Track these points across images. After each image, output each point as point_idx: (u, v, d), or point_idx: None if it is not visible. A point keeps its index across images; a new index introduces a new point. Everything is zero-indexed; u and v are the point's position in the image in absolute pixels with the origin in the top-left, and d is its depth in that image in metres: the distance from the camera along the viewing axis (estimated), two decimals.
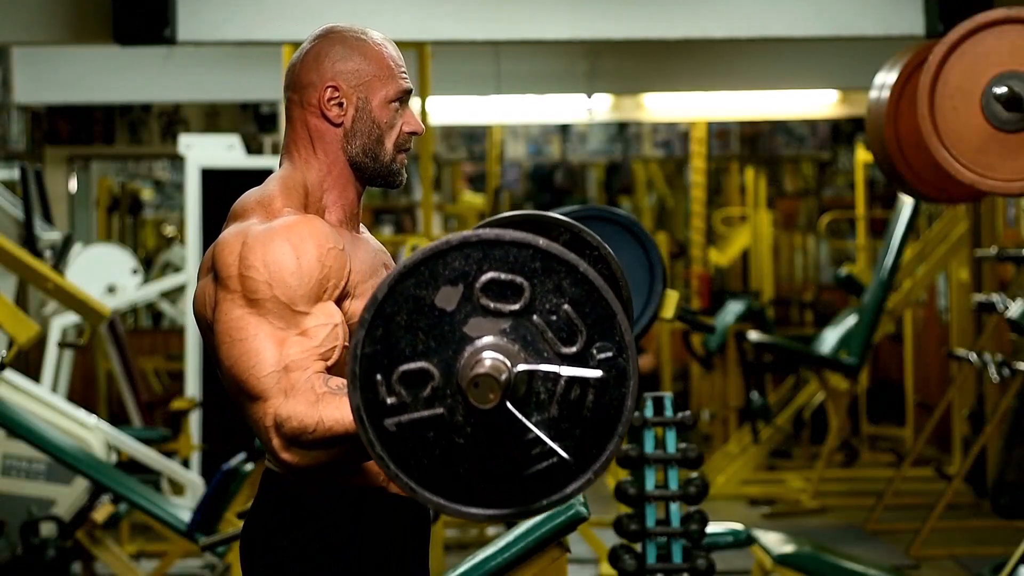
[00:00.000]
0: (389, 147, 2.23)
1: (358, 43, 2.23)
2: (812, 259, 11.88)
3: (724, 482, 7.73)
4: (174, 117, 9.51)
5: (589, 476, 1.77)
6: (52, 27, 5.36)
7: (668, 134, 11.46)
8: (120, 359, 7.12)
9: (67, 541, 5.13)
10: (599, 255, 2.27)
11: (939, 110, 3.83)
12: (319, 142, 2.22)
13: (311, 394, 2.04)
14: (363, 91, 2.21)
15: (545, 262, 1.75)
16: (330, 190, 2.22)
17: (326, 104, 2.21)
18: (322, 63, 2.22)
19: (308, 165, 2.22)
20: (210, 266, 2.16)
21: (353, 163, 2.22)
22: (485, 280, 1.75)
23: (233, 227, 2.16)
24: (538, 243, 1.75)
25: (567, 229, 2.26)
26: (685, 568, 3.56)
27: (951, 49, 3.83)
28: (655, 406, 3.62)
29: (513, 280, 1.75)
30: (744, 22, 5.38)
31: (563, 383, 1.75)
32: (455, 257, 1.75)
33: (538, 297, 1.75)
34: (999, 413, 6.31)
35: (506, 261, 1.75)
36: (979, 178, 3.82)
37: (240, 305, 2.09)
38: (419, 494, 1.76)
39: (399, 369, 1.75)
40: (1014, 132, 3.80)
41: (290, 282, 2.08)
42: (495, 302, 1.75)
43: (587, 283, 1.75)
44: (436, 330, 1.75)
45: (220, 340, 2.10)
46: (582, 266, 1.75)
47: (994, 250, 6.07)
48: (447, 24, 5.35)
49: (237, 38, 5.35)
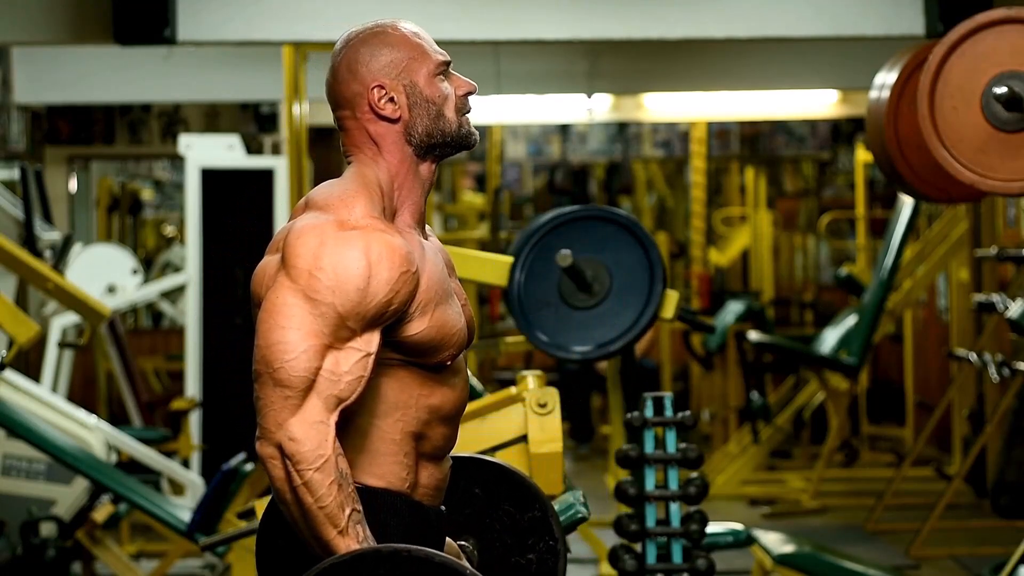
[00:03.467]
0: (451, 116, 2.23)
1: (380, 37, 2.22)
2: (812, 259, 11.88)
3: (724, 482, 7.73)
4: (174, 117, 9.51)
5: None
6: (52, 27, 5.36)
7: (668, 134, 11.46)
8: (120, 359, 7.12)
9: (67, 541, 5.13)
10: (553, 548, 2.40)
11: (939, 110, 3.83)
12: (383, 144, 2.21)
13: (323, 447, 2.04)
14: (406, 77, 2.21)
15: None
16: (399, 189, 2.21)
17: (379, 105, 2.20)
18: (358, 71, 2.21)
19: (377, 165, 2.21)
20: (279, 246, 2.15)
21: (420, 149, 2.22)
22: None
23: (311, 217, 2.14)
24: (464, 573, 1.84)
25: (541, 508, 2.40)
26: (685, 568, 3.56)
27: (951, 49, 3.83)
28: (655, 406, 3.62)
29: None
30: (744, 22, 5.38)
31: None
32: (384, 565, 1.83)
33: None
34: (999, 413, 6.31)
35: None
36: (979, 178, 3.83)
37: (296, 295, 2.08)
38: None
39: None
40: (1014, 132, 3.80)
41: (354, 297, 2.07)
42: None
43: None
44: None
45: (264, 319, 2.09)
46: None
47: (994, 250, 6.07)
48: (447, 24, 5.34)
49: (237, 38, 5.35)
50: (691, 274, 9.80)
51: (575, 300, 4.12)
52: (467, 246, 7.47)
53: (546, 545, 2.39)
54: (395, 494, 2.16)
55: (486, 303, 9.63)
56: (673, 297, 4.10)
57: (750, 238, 9.99)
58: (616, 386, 4.72)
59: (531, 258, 4.16)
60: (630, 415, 3.64)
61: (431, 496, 2.21)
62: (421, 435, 2.19)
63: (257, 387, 2.09)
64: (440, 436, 2.21)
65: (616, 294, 4.10)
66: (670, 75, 8.17)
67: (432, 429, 2.20)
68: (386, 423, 2.16)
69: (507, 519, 2.40)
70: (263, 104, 9.36)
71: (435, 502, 2.23)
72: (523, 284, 4.16)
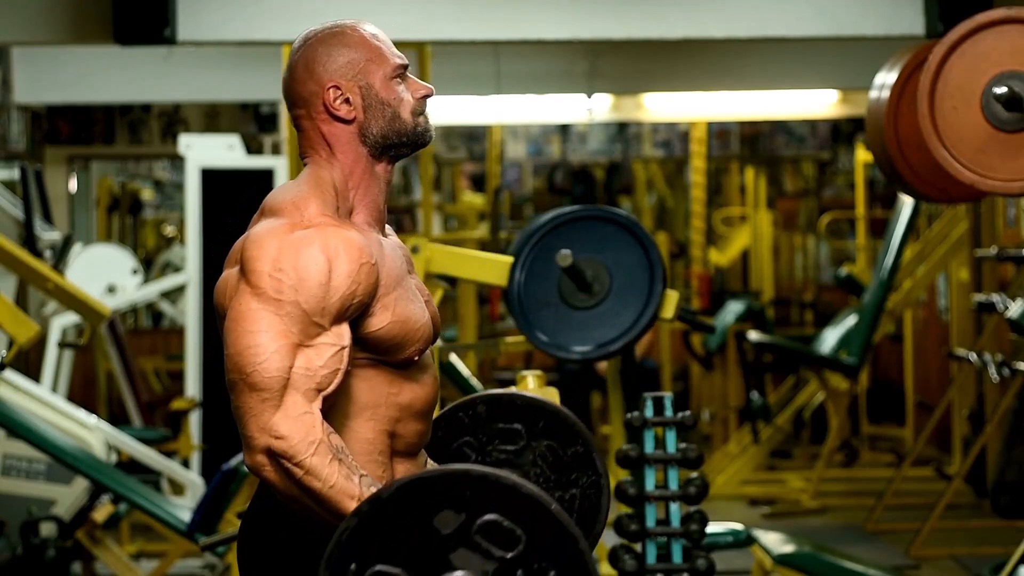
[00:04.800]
0: (407, 117, 2.23)
1: (339, 37, 2.23)
2: (812, 259, 11.88)
3: (724, 482, 7.73)
4: (174, 117, 9.51)
5: None
6: (52, 27, 5.36)
7: (668, 134, 11.47)
8: (120, 359, 7.12)
9: (67, 541, 5.13)
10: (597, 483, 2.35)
11: (939, 110, 3.83)
12: (337, 145, 2.21)
13: (312, 432, 2.04)
14: (363, 78, 2.21)
15: (550, 525, 1.77)
16: (355, 189, 2.21)
17: (334, 106, 2.20)
18: (314, 70, 2.21)
19: (331, 166, 2.21)
20: (238, 258, 2.15)
21: (375, 150, 2.22)
22: (488, 519, 1.77)
23: (266, 224, 2.15)
24: (550, 507, 1.77)
25: (584, 444, 2.35)
26: (685, 568, 3.56)
27: (951, 49, 3.83)
28: (655, 406, 3.62)
29: (514, 530, 1.77)
30: (744, 22, 5.38)
31: None
32: (468, 487, 1.78)
33: (530, 555, 1.77)
34: (999, 413, 6.31)
35: (513, 510, 1.77)
36: (979, 178, 3.82)
37: (260, 300, 2.08)
38: None
39: (376, 567, 1.77)
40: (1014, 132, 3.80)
41: (317, 292, 2.08)
42: (488, 543, 1.77)
43: (580, 560, 1.77)
44: (424, 546, 1.77)
45: (231, 328, 2.09)
46: (582, 543, 1.78)
47: (994, 250, 6.07)
48: (447, 24, 5.34)
49: (237, 38, 5.35)
50: (691, 274, 9.80)
51: (575, 300, 4.12)
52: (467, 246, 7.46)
53: (590, 480, 2.37)
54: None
55: (486, 303, 9.63)
56: (673, 297, 4.10)
57: (750, 238, 9.99)
58: (616, 386, 4.72)
59: (531, 258, 4.16)
60: (630, 415, 3.64)
61: None
62: (394, 433, 2.19)
63: (234, 397, 2.09)
64: (413, 433, 2.21)
65: (616, 294, 4.10)
66: (670, 75, 8.17)
67: (404, 426, 2.20)
68: (358, 423, 2.16)
69: (549, 455, 2.38)
70: (263, 104, 9.36)
71: None
72: (523, 284, 4.16)
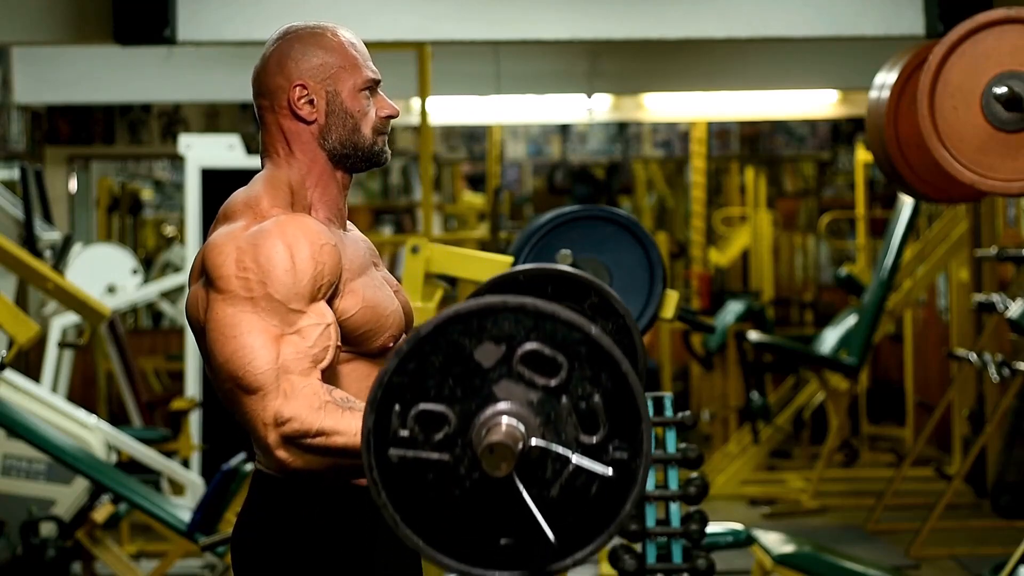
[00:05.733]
0: (367, 133, 2.24)
1: (317, 38, 2.23)
2: (812, 259, 11.88)
3: (724, 482, 7.73)
4: (174, 117, 9.51)
5: (568, 562, 1.77)
6: (52, 27, 5.36)
7: (668, 134, 11.47)
8: (120, 359, 7.12)
9: (67, 541, 5.13)
10: (623, 325, 2.31)
11: (939, 110, 3.83)
12: (296, 143, 2.22)
13: (315, 399, 2.04)
14: (331, 84, 2.22)
15: (591, 349, 1.75)
16: (313, 188, 2.22)
17: (297, 104, 2.21)
18: (286, 65, 2.22)
19: (289, 165, 2.22)
20: (201, 270, 2.16)
21: (333, 156, 2.23)
22: (528, 349, 1.75)
23: (222, 230, 2.16)
24: (590, 330, 1.75)
25: (598, 293, 2.30)
26: (685, 568, 3.56)
27: (951, 49, 3.83)
28: (655, 406, 3.62)
29: (555, 357, 1.75)
30: (744, 22, 5.38)
31: (571, 469, 1.75)
32: (507, 318, 1.76)
33: (574, 380, 1.75)
34: (999, 413, 6.31)
35: (554, 337, 1.76)
36: (979, 178, 3.82)
37: (234, 303, 2.09)
38: (400, 528, 1.77)
39: (419, 406, 1.76)
40: (1014, 132, 3.79)
41: (285, 280, 2.09)
42: (531, 372, 1.75)
43: (625, 383, 1.75)
44: (467, 380, 1.75)
45: (213, 338, 2.10)
46: (624, 365, 1.75)
47: (994, 250, 6.06)
48: (447, 24, 5.34)
49: (237, 38, 5.35)
50: (691, 274, 9.80)
51: None
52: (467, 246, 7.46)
53: (616, 325, 2.34)
54: (365, 490, 2.16)
55: None
56: (673, 297, 4.10)
57: (750, 238, 9.98)
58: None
59: (531, 258, 4.15)
60: None
61: None
62: None
63: (235, 408, 2.10)
64: None
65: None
66: (670, 75, 8.17)
67: None
68: None
69: None
70: None
71: None
72: None
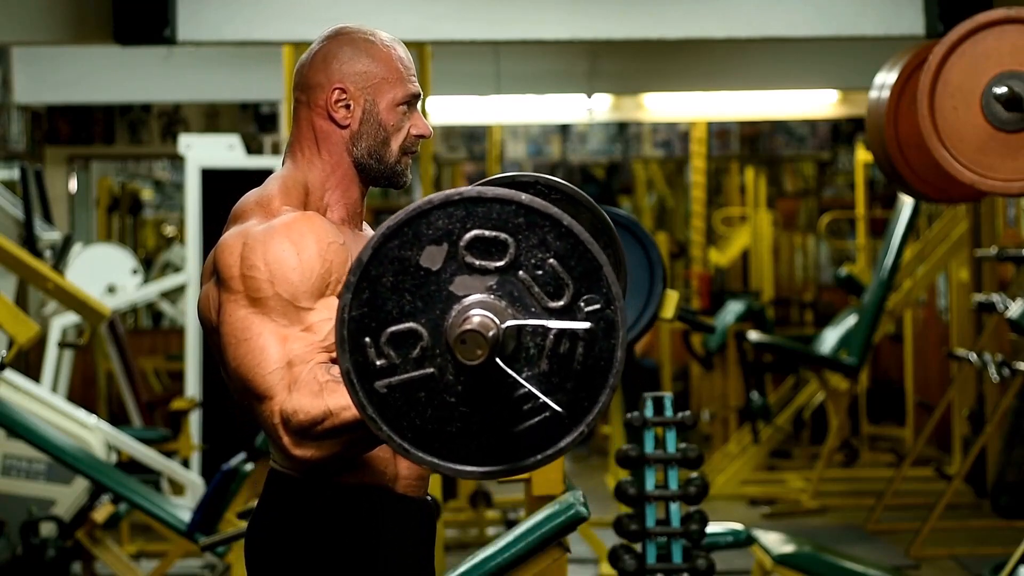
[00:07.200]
0: (395, 149, 2.23)
1: (367, 44, 2.22)
2: (812, 259, 11.88)
3: (724, 482, 7.73)
4: (174, 117, 9.51)
5: (582, 429, 1.76)
6: (52, 27, 5.36)
7: (668, 134, 11.47)
8: (120, 359, 7.12)
9: (67, 541, 5.13)
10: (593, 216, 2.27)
11: (939, 110, 3.83)
12: (324, 143, 2.22)
13: (314, 384, 2.03)
14: (371, 93, 2.21)
15: (528, 217, 1.75)
16: (333, 190, 2.22)
17: (333, 106, 2.20)
18: (330, 64, 2.21)
19: (311, 165, 2.22)
20: (212, 269, 2.16)
21: (358, 164, 2.22)
22: (469, 238, 1.75)
23: (233, 229, 2.16)
24: (520, 199, 1.75)
25: (557, 190, 2.25)
26: (685, 568, 3.56)
27: (951, 49, 3.83)
28: (655, 406, 3.62)
29: (497, 236, 1.75)
30: (744, 22, 5.38)
31: (552, 337, 1.74)
32: (438, 216, 1.75)
33: (523, 252, 1.75)
34: (999, 413, 6.30)
35: (489, 218, 1.75)
36: (979, 178, 3.82)
37: (243, 305, 2.09)
38: (412, 455, 1.77)
39: (387, 331, 1.76)
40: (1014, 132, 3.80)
41: (292, 278, 2.08)
42: (480, 259, 1.75)
43: (571, 236, 1.74)
44: (422, 290, 1.75)
45: (226, 342, 2.10)
46: (565, 219, 1.74)
47: (994, 250, 6.07)
48: (447, 24, 5.35)
49: (237, 38, 5.35)
50: (691, 274, 9.80)
51: None
52: None
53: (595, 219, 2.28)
54: (378, 489, 2.16)
55: None
56: (673, 297, 4.10)
57: (750, 238, 9.99)
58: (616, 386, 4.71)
59: None
60: (630, 415, 3.64)
61: (414, 487, 2.21)
62: None
63: (254, 413, 2.09)
64: None
65: None
66: (670, 75, 8.17)
67: None
68: None
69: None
70: (263, 104, 9.36)
71: (419, 492, 2.22)
72: None
